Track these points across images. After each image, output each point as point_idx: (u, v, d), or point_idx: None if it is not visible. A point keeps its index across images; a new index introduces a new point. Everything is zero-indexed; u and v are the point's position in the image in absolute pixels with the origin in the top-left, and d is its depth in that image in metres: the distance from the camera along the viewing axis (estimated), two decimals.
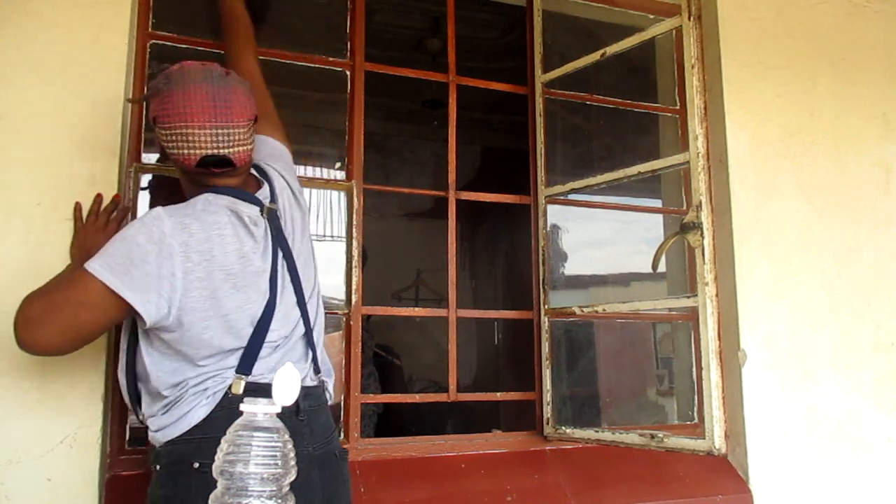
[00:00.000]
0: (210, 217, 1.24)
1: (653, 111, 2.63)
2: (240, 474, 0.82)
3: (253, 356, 1.23)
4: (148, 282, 1.17)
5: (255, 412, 0.86)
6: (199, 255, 1.20)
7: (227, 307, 1.22)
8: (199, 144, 1.23)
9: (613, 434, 1.98)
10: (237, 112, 1.25)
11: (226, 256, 1.23)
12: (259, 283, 1.27)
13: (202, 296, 1.20)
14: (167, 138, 1.24)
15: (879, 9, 2.62)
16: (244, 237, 1.27)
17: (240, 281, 1.24)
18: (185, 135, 1.22)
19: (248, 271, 1.25)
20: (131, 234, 1.20)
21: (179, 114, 1.21)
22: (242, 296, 1.24)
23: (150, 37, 1.91)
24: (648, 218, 2.83)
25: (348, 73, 2.15)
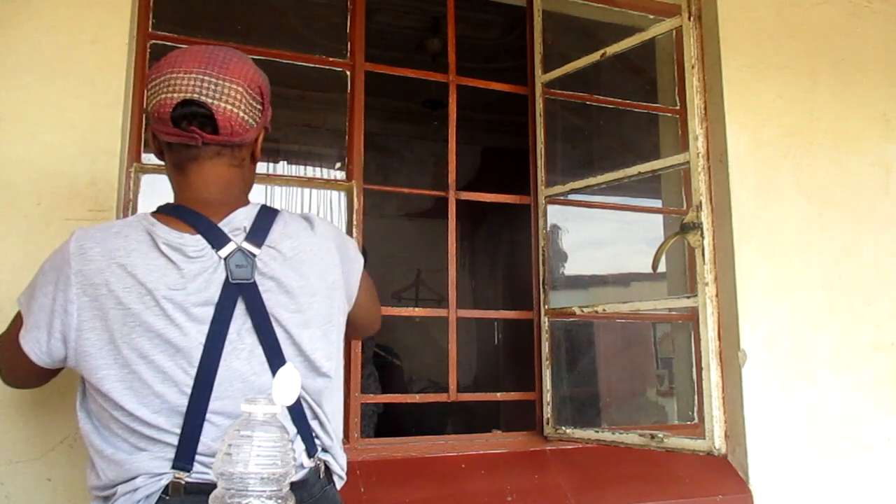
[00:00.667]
0: (119, 241, 1.00)
1: (653, 111, 2.63)
2: (240, 474, 0.81)
3: (191, 439, 0.95)
4: (40, 317, 0.99)
5: (255, 412, 0.86)
6: (94, 289, 0.97)
7: (129, 356, 0.96)
8: (181, 87, 1.02)
9: (613, 434, 1.98)
10: (234, 69, 1.06)
11: (126, 292, 0.96)
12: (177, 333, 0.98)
13: (98, 340, 0.97)
14: (150, 91, 1.05)
15: (879, 9, 2.62)
16: (155, 269, 0.98)
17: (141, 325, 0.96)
18: (169, 79, 1.03)
19: (154, 314, 0.97)
20: (44, 263, 1.04)
21: (170, 63, 1.05)
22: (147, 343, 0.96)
23: (150, 37, 1.91)
24: (648, 218, 2.83)
25: (348, 73, 2.15)
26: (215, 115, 1.03)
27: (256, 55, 2.06)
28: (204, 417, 0.96)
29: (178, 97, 1.02)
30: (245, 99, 1.07)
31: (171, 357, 0.97)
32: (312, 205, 4.97)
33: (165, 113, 1.03)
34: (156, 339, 0.97)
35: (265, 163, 5.07)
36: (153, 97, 1.05)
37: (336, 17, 2.24)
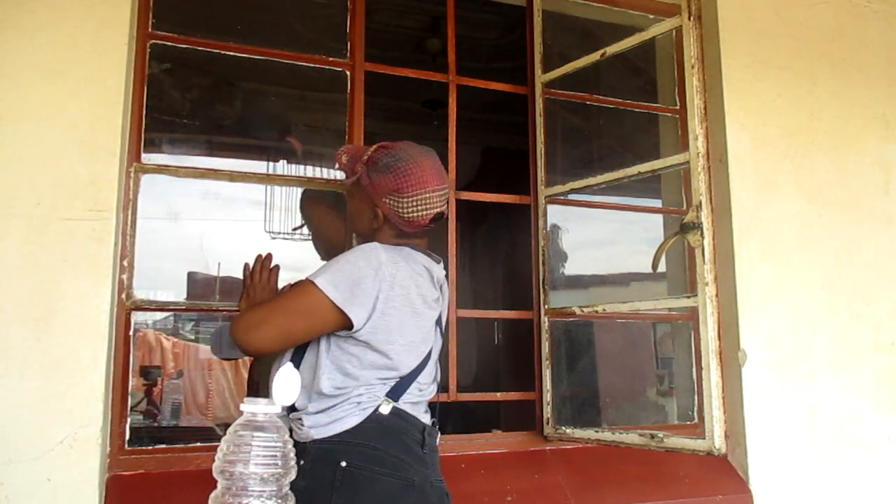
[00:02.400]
0: (413, 264, 1.43)
1: (653, 111, 2.63)
2: (240, 474, 0.82)
3: (403, 387, 1.40)
4: (363, 298, 1.34)
5: (255, 412, 0.86)
6: (401, 289, 1.38)
7: (408, 337, 1.41)
8: (434, 205, 1.46)
9: (613, 434, 1.98)
10: (446, 176, 1.51)
11: (419, 297, 1.41)
12: (430, 330, 1.46)
13: (391, 322, 1.37)
14: (409, 204, 1.43)
15: (879, 9, 2.62)
16: (430, 290, 1.46)
17: (420, 322, 1.42)
18: (425, 199, 1.44)
19: (427, 316, 1.44)
20: (353, 259, 1.38)
21: (420, 182, 1.43)
22: (419, 334, 1.43)
23: (150, 37, 1.91)
24: (648, 218, 2.83)
25: (348, 73, 2.15)
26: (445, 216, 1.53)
27: (257, 55, 2.07)
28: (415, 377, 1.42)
29: (434, 212, 1.46)
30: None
31: (424, 343, 1.44)
32: None
33: (425, 222, 1.47)
34: (423, 331, 1.43)
35: (265, 162, 5.07)
36: (413, 210, 1.44)
37: (336, 17, 2.24)
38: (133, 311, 1.79)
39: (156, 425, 4.27)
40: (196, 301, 4.44)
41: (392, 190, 1.44)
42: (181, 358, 5.50)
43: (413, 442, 1.38)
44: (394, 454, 1.34)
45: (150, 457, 1.74)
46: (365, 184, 1.48)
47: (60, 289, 1.64)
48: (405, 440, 1.37)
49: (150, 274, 2.59)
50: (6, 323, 1.60)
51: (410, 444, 1.37)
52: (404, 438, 1.37)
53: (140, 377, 4.39)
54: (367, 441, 1.33)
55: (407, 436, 1.38)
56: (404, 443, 1.37)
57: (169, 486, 1.69)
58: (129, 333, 1.79)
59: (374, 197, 1.46)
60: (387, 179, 1.44)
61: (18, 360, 1.59)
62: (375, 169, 1.46)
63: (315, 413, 1.36)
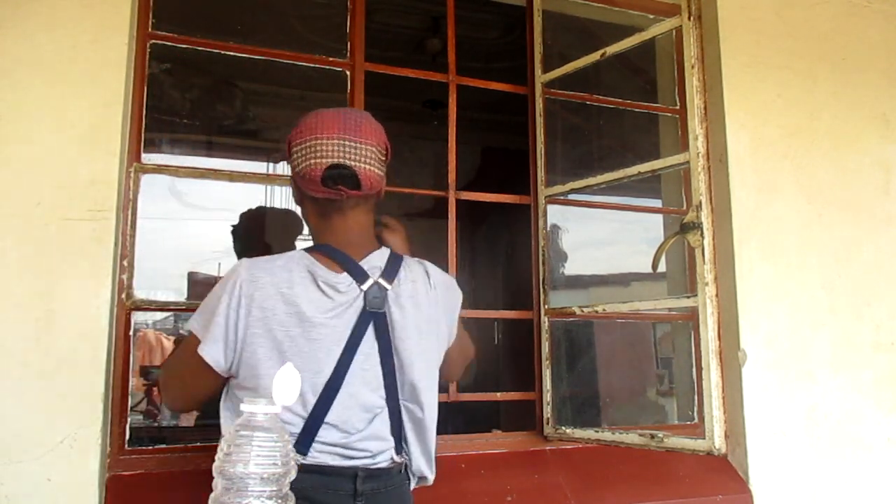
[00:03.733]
0: (284, 274, 1.19)
1: (653, 111, 2.63)
2: (240, 474, 0.82)
3: (311, 432, 1.17)
4: (218, 332, 1.16)
5: (255, 412, 0.86)
6: (261, 311, 1.15)
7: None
8: (327, 153, 1.22)
9: (613, 434, 1.98)
10: (367, 132, 1.26)
11: (288, 317, 1.16)
12: (323, 353, 1.18)
13: (256, 354, 1.15)
14: (297, 155, 1.24)
15: (879, 9, 2.62)
16: (314, 301, 1.19)
17: (297, 346, 1.16)
18: (315, 146, 1.23)
19: (310, 338, 1.17)
20: (217, 285, 1.20)
21: (311, 129, 1.24)
22: (299, 362, 1.12)
23: (150, 37, 1.91)
24: (648, 218, 2.83)
25: (348, 73, 2.15)
26: (358, 174, 1.24)
27: (257, 55, 2.07)
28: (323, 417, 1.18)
29: (326, 162, 1.22)
30: (377, 156, 1.28)
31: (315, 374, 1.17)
32: None
33: (316, 176, 1.23)
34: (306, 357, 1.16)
35: (265, 162, 5.07)
36: (301, 161, 1.24)
37: (336, 17, 2.24)
38: (133, 311, 1.79)
39: (156, 425, 4.27)
40: (196, 301, 4.43)
41: (288, 145, 1.26)
42: None
43: (339, 499, 1.17)
44: None
45: (150, 457, 1.74)
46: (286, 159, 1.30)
47: (60, 289, 1.63)
48: (327, 499, 1.16)
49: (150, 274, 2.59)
50: (6, 323, 1.60)
51: (335, 500, 1.16)
52: (325, 498, 1.15)
53: (140, 377, 4.39)
54: None
55: (330, 493, 1.16)
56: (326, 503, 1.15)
57: (169, 486, 1.69)
58: (129, 333, 1.79)
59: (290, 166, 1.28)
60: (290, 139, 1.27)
61: (18, 360, 1.59)
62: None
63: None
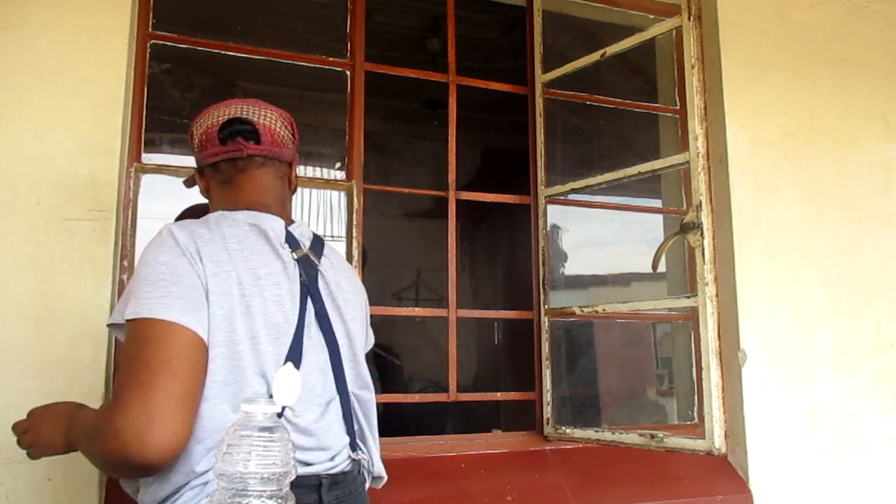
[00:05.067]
0: (226, 230, 1.03)
1: (653, 111, 2.63)
2: (240, 474, 0.81)
3: None
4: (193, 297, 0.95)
5: (255, 412, 0.86)
6: (215, 265, 0.98)
7: (239, 334, 0.98)
8: (224, 114, 1.14)
9: (613, 434, 1.98)
10: (267, 105, 1.19)
11: (241, 274, 1.00)
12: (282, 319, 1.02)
13: (218, 315, 0.97)
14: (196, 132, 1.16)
15: (879, 9, 2.62)
16: (267, 254, 1.05)
17: (255, 306, 0.99)
18: (211, 114, 1.15)
19: (267, 298, 1.01)
20: (150, 259, 0.98)
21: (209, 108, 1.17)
22: (255, 325, 0.99)
23: (150, 37, 1.91)
24: (648, 218, 2.83)
25: (348, 73, 2.15)
26: (257, 127, 1.15)
27: (257, 55, 2.07)
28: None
29: (223, 118, 1.14)
30: (281, 122, 1.19)
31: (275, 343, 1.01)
32: (313, 205, 4.97)
33: (213, 133, 1.14)
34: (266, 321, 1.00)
35: None
36: (199, 129, 1.16)
37: (336, 17, 2.24)
38: None
39: None
40: None
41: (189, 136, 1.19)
42: None
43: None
44: None
45: None
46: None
47: (60, 289, 1.64)
48: None
49: None
50: (6, 323, 1.60)
51: None
52: None
53: None
54: None
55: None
56: None
57: None
58: None
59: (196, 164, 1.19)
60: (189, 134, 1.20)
61: (18, 360, 1.59)
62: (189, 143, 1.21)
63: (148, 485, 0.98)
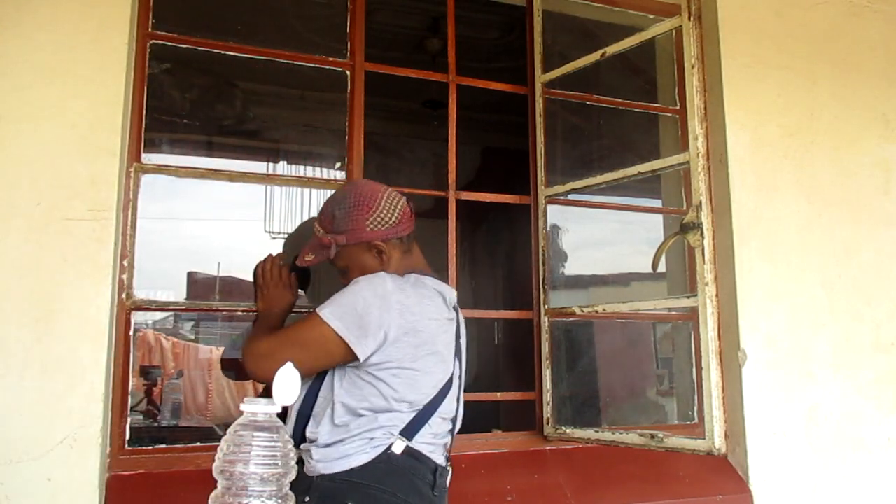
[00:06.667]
0: (421, 289, 1.41)
1: (653, 111, 2.63)
2: (240, 474, 0.81)
3: (420, 424, 1.36)
4: (369, 330, 1.31)
5: (255, 412, 0.86)
6: (411, 316, 1.34)
7: (421, 364, 1.36)
8: (400, 196, 1.48)
9: (613, 434, 1.98)
10: None
11: (432, 322, 1.38)
12: (446, 356, 1.42)
13: (402, 352, 1.33)
14: (387, 208, 1.44)
15: (879, 9, 2.62)
16: (444, 311, 1.43)
17: (434, 349, 1.38)
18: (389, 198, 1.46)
19: (443, 342, 1.41)
20: (358, 289, 1.35)
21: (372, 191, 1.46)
22: (434, 362, 1.38)
23: (150, 37, 1.91)
24: (648, 218, 2.83)
25: (348, 73, 2.14)
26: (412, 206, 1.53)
27: (257, 55, 2.07)
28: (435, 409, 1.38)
29: (405, 199, 1.49)
30: None
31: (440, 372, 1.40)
32: (312, 205, 4.97)
33: (408, 212, 1.48)
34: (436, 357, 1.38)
35: (265, 162, 5.07)
36: (390, 213, 1.44)
37: (336, 17, 2.24)
38: (133, 311, 1.79)
39: (156, 425, 4.28)
40: (196, 301, 4.45)
41: (367, 213, 1.43)
42: (181, 358, 5.51)
43: (424, 483, 1.33)
44: (402, 497, 1.30)
45: (150, 457, 1.74)
46: (343, 242, 1.44)
47: (60, 289, 1.64)
48: (415, 482, 1.33)
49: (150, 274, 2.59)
50: (6, 323, 1.60)
51: (420, 485, 1.33)
52: (415, 480, 1.33)
53: (140, 377, 4.39)
54: (374, 482, 1.29)
55: (418, 477, 1.33)
56: (414, 485, 1.32)
57: (169, 486, 1.69)
58: (129, 333, 1.79)
59: (361, 239, 1.43)
60: (356, 215, 1.43)
61: (18, 360, 1.59)
62: (338, 225, 1.44)
63: (324, 446, 1.33)
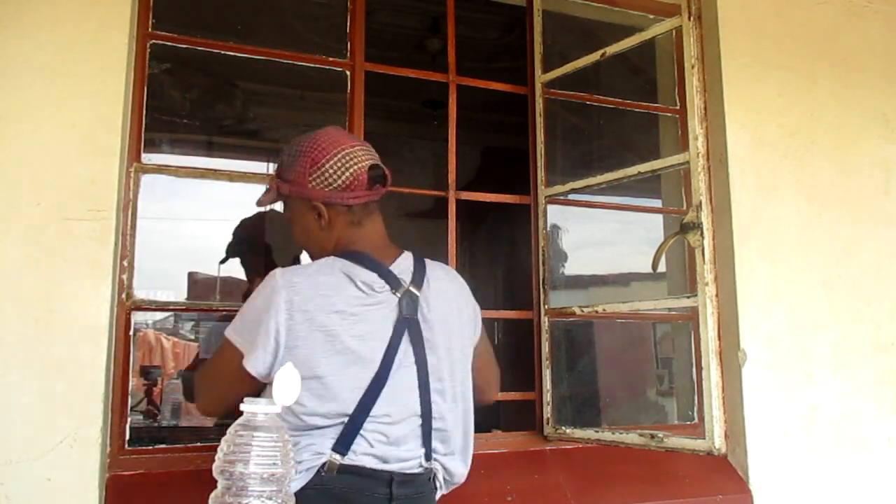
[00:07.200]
0: (321, 278, 1.21)
1: (653, 111, 2.63)
2: (240, 474, 0.82)
3: (351, 434, 1.17)
4: (258, 340, 1.17)
5: (255, 412, 0.86)
6: (302, 315, 1.16)
7: (325, 370, 1.16)
8: (363, 158, 1.28)
9: (613, 434, 1.98)
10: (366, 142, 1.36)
11: (328, 317, 1.17)
12: (362, 352, 1.19)
13: (301, 356, 1.15)
14: (335, 167, 1.26)
15: (879, 9, 2.62)
16: (357, 298, 1.21)
17: (340, 345, 1.17)
18: (349, 154, 1.27)
19: (348, 336, 1.18)
20: (253, 295, 1.22)
21: (333, 143, 1.27)
22: (343, 360, 1.17)
23: (150, 37, 1.91)
24: (648, 218, 2.83)
25: (348, 73, 2.14)
26: (386, 173, 1.32)
27: (256, 55, 2.07)
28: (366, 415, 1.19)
29: (367, 164, 1.28)
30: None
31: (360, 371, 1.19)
32: None
33: (363, 179, 1.27)
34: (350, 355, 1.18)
35: (265, 162, 5.07)
36: (341, 171, 1.25)
37: (336, 17, 2.24)
38: (133, 311, 1.79)
39: (156, 425, 4.27)
40: (196, 301, 4.44)
41: (311, 167, 1.25)
42: (181, 358, 5.50)
43: (374, 499, 1.17)
44: None
45: (150, 457, 1.74)
46: (286, 192, 1.30)
47: (60, 289, 1.63)
48: (359, 501, 1.16)
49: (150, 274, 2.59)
50: (6, 323, 1.60)
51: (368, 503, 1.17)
52: (358, 499, 1.16)
53: (140, 377, 4.39)
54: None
55: (364, 494, 1.17)
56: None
57: (169, 486, 1.69)
58: (129, 333, 1.79)
59: (302, 195, 1.27)
60: (300, 164, 1.26)
61: (18, 360, 1.59)
62: (284, 171, 1.30)
63: None
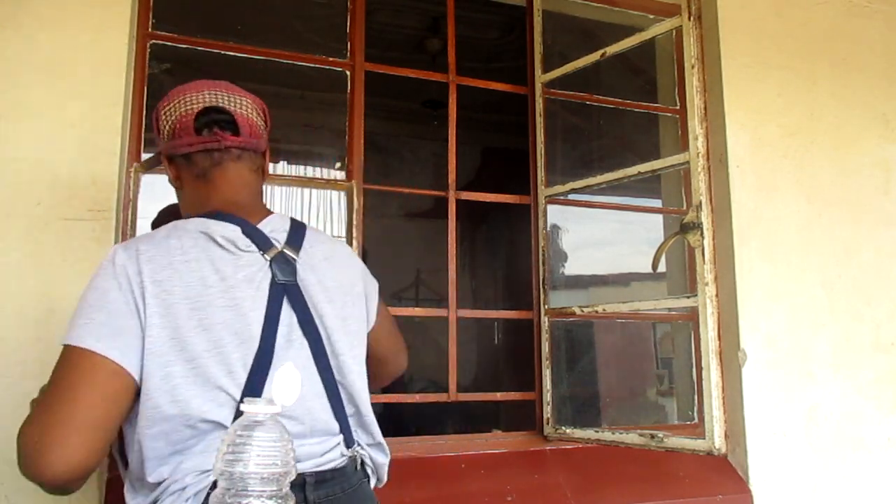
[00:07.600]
0: (173, 241, 0.99)
1: (653, 111, 2.63)
2: (240, 474, 0.81)
3: None
4: (119, 325, 0.93)
5: (255, 412, 0.86)
6: (156, 286, 0.95)
7: (195, 349, 0.95)
8: (199, 101, 1.07)
9: (613, 434, 1.98)
10: (238, 91, 1.12)
11: (188, 286, 0.96)
12: (242, 321, 0.99)
13: (161, 336, 0.94)
14: (165, 118, 1.08)
15: (879, 9, 2.62)
16: (216, 260, 1.00)
17: (208, 317, 0.96)
18: (183, 100, 1.08)
19: (225, 304, 0.98)
20: (90, 283, 0.98)
21: (178, 92, 1.10)
22: (214, 335, 0.96)
23: (149, 37, 1.91)
24: (648, 218, 2.83)
25: (348, 73, 2.15)
26: (235, 117, 1.09)
27: (256, 55, 2.07)
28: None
29: (199, 107, 1.07)
30: (255, 110, 1.14)
31: (241, 346, 0.98)
32: (312, 204, 4.97)
33: (188, 123, 1.07)
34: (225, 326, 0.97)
35: None
36: (170, 116, 1.08)
37: (336, 17, 2.24)
38: None
39: None
40: None
41: (155, 119, 1.11)
42: None
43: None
44: None
45: None
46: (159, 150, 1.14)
47: (60, 289, 1.63)
48: None
49: None
50: (6, 323, 1.60)
51: None
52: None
53: None
54: None
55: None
56: None
57: None
58: None
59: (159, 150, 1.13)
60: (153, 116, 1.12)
61: (18, 360, 1.59)
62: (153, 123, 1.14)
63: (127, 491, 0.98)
